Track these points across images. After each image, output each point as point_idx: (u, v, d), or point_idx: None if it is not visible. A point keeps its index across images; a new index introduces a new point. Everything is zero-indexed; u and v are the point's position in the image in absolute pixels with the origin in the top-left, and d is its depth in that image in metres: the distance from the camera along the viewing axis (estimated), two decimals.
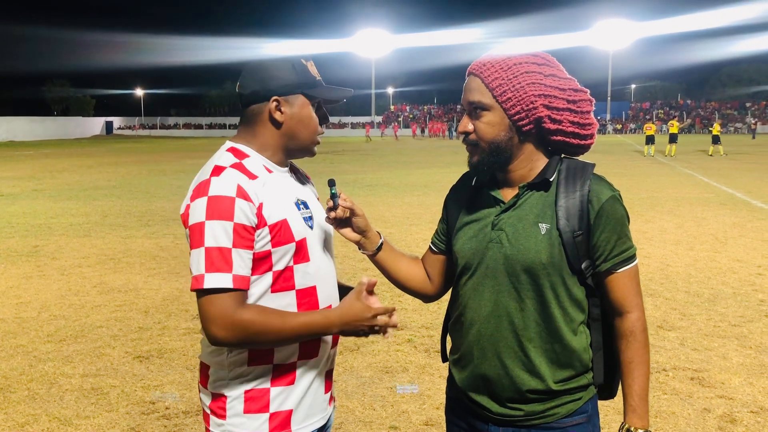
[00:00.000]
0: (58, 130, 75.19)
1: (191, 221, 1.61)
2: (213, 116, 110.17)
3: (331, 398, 1.90)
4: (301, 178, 1.91)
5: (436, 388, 4.31)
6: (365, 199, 14.03)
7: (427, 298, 2.01)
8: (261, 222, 1.63)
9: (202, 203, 1.59)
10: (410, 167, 24.10)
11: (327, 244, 1.84)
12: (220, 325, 1.57)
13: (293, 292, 1.70)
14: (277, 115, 1.73)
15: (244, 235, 1.59)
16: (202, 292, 1.58)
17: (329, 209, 1.78)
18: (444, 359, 1.97)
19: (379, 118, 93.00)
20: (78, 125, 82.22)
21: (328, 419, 1.87)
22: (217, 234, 1.57)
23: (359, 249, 1.91)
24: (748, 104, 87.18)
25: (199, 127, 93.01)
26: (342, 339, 1.91)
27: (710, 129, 30.41)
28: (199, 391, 1.81)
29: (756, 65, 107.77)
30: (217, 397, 1.72)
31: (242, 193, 1.60)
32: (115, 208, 13.25)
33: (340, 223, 1.82)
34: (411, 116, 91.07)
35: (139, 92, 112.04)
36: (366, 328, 1.68)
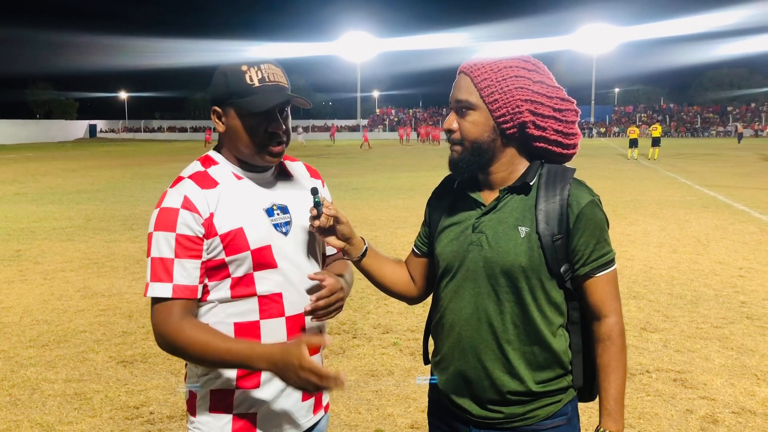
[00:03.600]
0: (40, 134, 74.41)
1: (148, 230, 1.68)
2: (197, 119, 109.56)
3: (318, 406, 1.88)
4: (295, 178, 1.88)
5: (421, 391, 4.31)
6: (350, 203, 14.03)
7: (412, 300, 2.01)
8: (210, 232, 1.65)
9: (154, 214, 1.67)
10: (396, 170, 24.12)
11: (309, 249, 1.82)
12: (156, 332, 1.66)
13: (255, 299, 1.70)
14: (219, 126, 1.75)
15: (187, 246, 1.63)
16: (151, 303, 1.67)
17: (313, 218, 1.77)
18: (426, 361, 1.98)
19: (364, 122, 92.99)
20: (61, 128, 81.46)
21: (313, 427, 1.85)
22: (161, 245, 1.63)
23: (344, 256, 1.91)
24: (729, 108, 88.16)
25: (184, 130, 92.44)
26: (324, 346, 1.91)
27: (631, 133, 30.35)
28: None
29: (736, 69, 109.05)
30: (191, 395, 1.77)
31: (188, 205, 1.64)
32: (99, 211, 13.14)
33: (324, 231, 1.81)
34: (396, 119, 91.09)
35: (123, 95, 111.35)
36: (293, 378, 1.53)
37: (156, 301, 1.64)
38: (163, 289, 1.62)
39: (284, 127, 1.74)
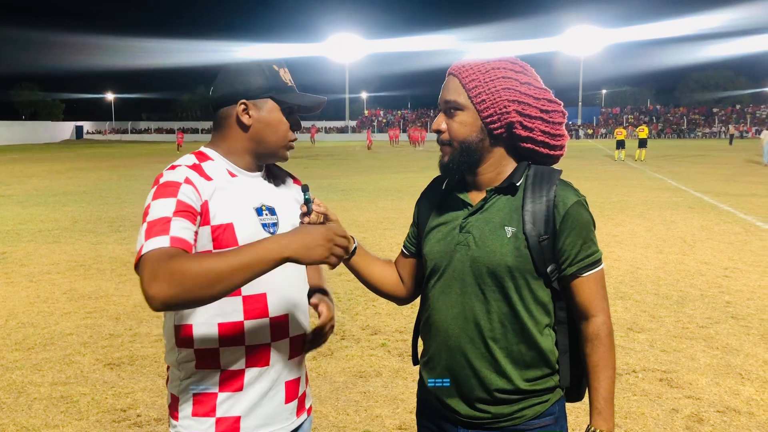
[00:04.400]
0: (26, 135, 73.89)
1: (146, 203, 1.62)
2: (185, 120, 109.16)
3: (301, 408, 1.88)
4: (281, 183, 1.90)
5: (409, 392, 4.32)
6: (339, 204, 14.02)
7: (401, 300, 2.02)
8: (205, 217, 1.64)
9: (152, 191, 1.63)
10: (384, 171, 24.13)
11: None
12: (155, 284, 1.41)
13: (239, 298, 1.69)
14: (245, 119, 1.74)
15: (186, 209, 1.59)
16: (140, 261, 1.47)
17: (303, 215, 1.78)
18: (415, 362, 1.99)
19: (353, 123, 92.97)
20: (47, 130, 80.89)
21: (296, 430, 1.85)
22: (159, 209, 1.56)
23: None
24: (715, 110, 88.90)
25: (171, 131, 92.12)
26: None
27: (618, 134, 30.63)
28: None
29: (722, 71, 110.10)
30: (173, 399, 1.76)
31: (190, 182, 1.64)
32: (86, 213, 13.06)
33: None
34: (385, 121, 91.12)
35: (110, 96, 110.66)
36: (324, 246, 1.52)
37: (148, 254, 1.46)
38: (160, 241, 1.48)
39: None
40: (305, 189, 1.79)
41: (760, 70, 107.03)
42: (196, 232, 1.60)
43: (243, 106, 1.74)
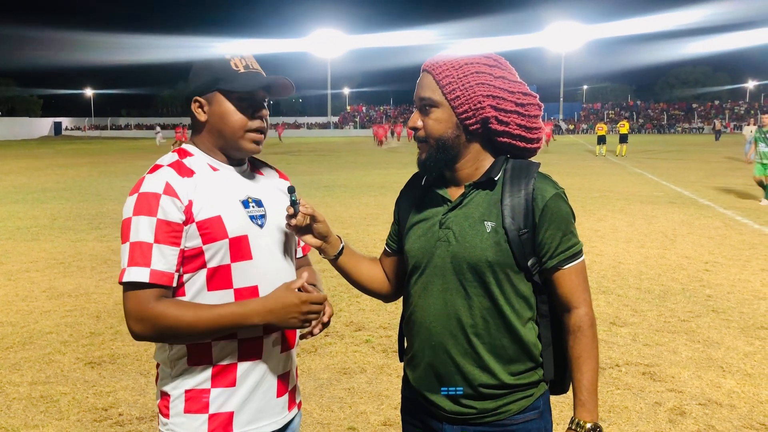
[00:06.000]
0: (3, 132, 72.70)
1: (123, 216, 1.66)
2: (166, 116, 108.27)
3: (292, 403, 1.87)
4: (266, 176, 1.89)
5: (394, 388, 4.31)
6: (322, 200, 13.98)
7: (387, 298, 2.03)
8: (189, 218, 1.64)
9: (132, 200, 1.65)
10: (367, 168, 24.11)
11: (284, 245, 1.82)
12: (134, 319, 1.61)
13: (231, 291, 1.69)
14: (200, 115, 1.75)
15: (168, 231, 1.61)
16: (123, 286, 1.63)
17: (289, 216, 1.77)
18: (401, 359, 1.98)
19: (335, 119, 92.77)
20: (24, 126, 79.73)
21: (287, 424, 1.85)
22: (141, 229, 1.61)
23: (320, 254, 1.91)
24: (694, 105, 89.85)
25: (152, 128, 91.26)
26: (298, 342, 1.90)
27: (597, 130, 31.01)
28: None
29: (701, 67, 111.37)
30: (164, 396, 1.74)
31: (170, 191, 1.63)
32: (65, 210, 12.90)
33: (300, 230, 1.81)
34: (368, 117, 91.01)
35: (89, 92, 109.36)
36: (297, 316, 1.65)
37: (130, 286, 1.61)
38: (140, 274, 1.59)
39: (267, 114, 1.79)
40: (291, 190, 1.78)
41: (737, 66, 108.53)
42: (182, 250, 1.64)
43: (197, 103, 1.75)
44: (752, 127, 23.68)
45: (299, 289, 1.69)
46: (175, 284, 1.66)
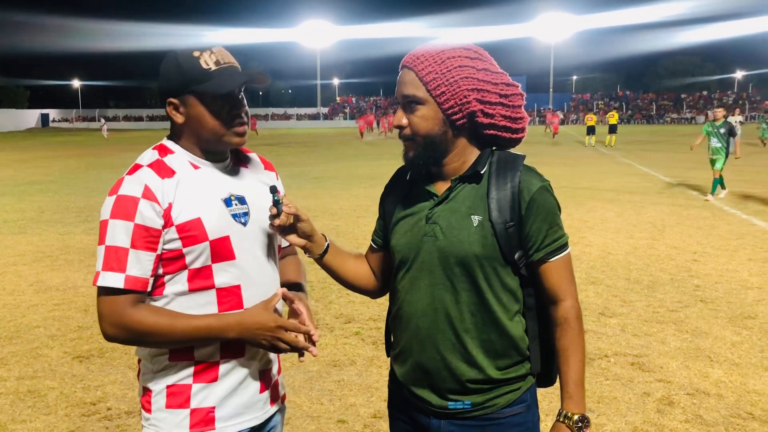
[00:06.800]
0: None
1: (101, 217, 1.64)
2: (154, 108, 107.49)
3: (275, 398, 1.86)
4: (249, 169, 1.86)
5: (383, 380, 4.31)
6: (312, 192, 13.95)
7: (374, 294, 2.02)
8: (168, 222, 1.62)
9: (110, 201, 1.62)
10: (357, 159, 24.07)
11: (267, 243, 1.80)
12: (108, 323, 1.62)
13: (213, 291, 1.68)
14: (177, 118, 1.70)
15: (145, 237, 1.59)
16: (98, 289, 1.63)
17: (272, 216, 1.74)
18: (389, 353, 1.97)
19: (325, 110, 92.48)
20: (11, 118, 79.01)
21: (268, 420, 1.84)
22: (117, 233, 1.60)
23: (305, 253, 1.89)
24: (683, 95, 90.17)
25: (140, 119, 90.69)
26: None
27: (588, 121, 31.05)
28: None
29: (689, 57, 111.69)
30: (146, 391, 1.74)
31: (149, 194, 1.60)
32: (52, 203, 12.81)
33: (284, 229, 1.79)
34: (357, 108, 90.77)
35: (77, 83, 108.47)
36: (268, 339, 1.65)
37: (105, 291, 1.61)
38: (114, 279, 1.59)
39: (246, 109, 1.74)
40: (273, 190, 1.74)
41: (726, 56, 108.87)
42: (161, 254, 1.63)
43: (171, 105, 1.70)
44: (737, 117, 23.83)
45: (292, 303, 1.69)
46: (150, 289, 1.65)
